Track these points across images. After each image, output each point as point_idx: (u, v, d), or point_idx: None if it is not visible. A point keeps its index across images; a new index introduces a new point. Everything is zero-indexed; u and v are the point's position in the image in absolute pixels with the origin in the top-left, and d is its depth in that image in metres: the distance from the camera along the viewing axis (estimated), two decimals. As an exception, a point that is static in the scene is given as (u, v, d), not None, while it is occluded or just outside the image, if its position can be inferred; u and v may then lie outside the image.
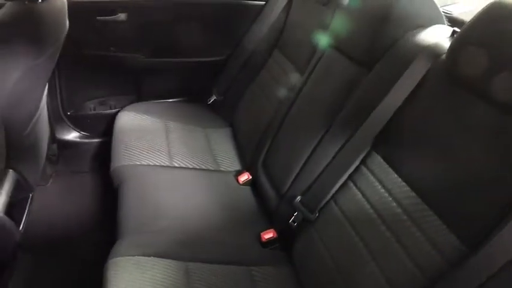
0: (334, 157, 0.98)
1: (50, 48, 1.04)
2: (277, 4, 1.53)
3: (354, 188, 0.91)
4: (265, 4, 1.58)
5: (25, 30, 0.94)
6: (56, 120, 1.60)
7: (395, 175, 0.83)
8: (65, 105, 1.63)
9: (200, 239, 1.07)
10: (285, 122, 1.25)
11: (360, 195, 0.89)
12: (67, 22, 1.18)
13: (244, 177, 1.32)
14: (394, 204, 0.80)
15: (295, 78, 1.32)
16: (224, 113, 1.67)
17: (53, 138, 1.61)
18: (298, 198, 1.03)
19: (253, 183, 1.31)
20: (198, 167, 1.35)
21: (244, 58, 1.62)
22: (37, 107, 1.18)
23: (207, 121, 1.62)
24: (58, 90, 1.57)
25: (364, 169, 0.90)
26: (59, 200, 1.52)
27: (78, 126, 1.69)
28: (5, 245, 0.94)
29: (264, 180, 1.25)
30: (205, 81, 1.71)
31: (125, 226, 1.06)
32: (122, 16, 1.48)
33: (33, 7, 0.98)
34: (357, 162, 0.91)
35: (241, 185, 1.32)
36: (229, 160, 1.43)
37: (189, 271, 0.94)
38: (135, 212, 1.11)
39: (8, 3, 0.98)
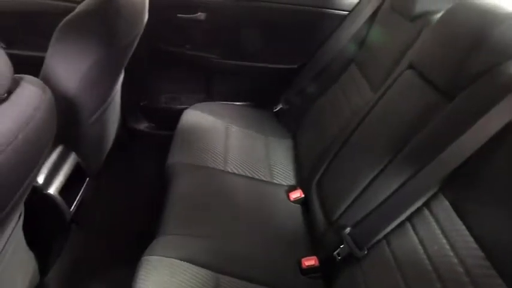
0: (394, 192, 0.87)
1: (124, 39, 1.07)
2: (360, 16, 1.43)
3: (412, 231, 0.80)
4: (348, 14, 1.50)
5: (103, 20, 0.98)
6: (128, 109, 1.68)
7: (463, 227, 0.70)
8: (139, 95, 1.70)
9: (239, 252, 1.03)
10: (348, 143, 1.15)
11: (416, 241, 0.77)
12: (146, 16, 1.21)
13: (296, 194, 1.25)
14: (456, 260, 0.68)
15: (367, 97, 1.22)
16: (289, 123, 1.61)
17: (124, 126, 1.70)
18: (348, 229, 0.94)
19: (304, 202, 1.24)
20: (251, 176, 1.31)
21: (318, 69, 1.55)
22: (107, 95, 1.23)
23: (269, 129, 1.57)
24: (134, 81, 1.65)
25: (426, 212, 0.78)
26: (117, 185, 1.59)
27: (148, 118, 1.76)
28: (55, 223, 0.99)
29: (315, 201, 1.17)
30: (274, 88, 1.67)
31: (167, 224, 1.05)
32: (201, 15, 1.50)
33: (113, 1, 1.02)
34: (419, 203, 0.79)
35: (291, 201, 1.25)
36: (284, 173, 1.37)
37: (220, 284, 0.91)
38: (179, 211, 1.10)
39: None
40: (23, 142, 0.54)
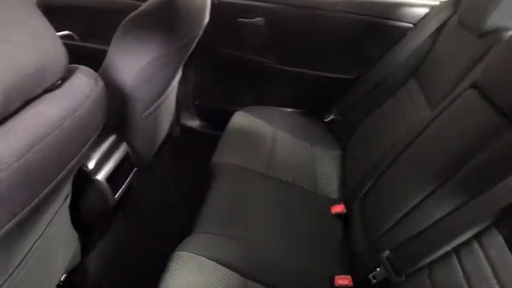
0: (442, 218, 0.80)
1: (182, 40, 1.11)
2: (425, 29, 1.35)
3: (457, 264, 0.73)
4: (412, 27, 1.43)
5: (164, 20, 1.02)
6: (183, 106, 1.74)
7: (518, 267, 0.62)
8: (194, 94, 1.75)
9: (270, 260, 1.01)
10: (398, 160, 1.09)
11: (461, 276, 0.70)
12: (206, 18, 1.25)
13: (339, 209, 1.21)
14: (504, 304, 0.61)
15: (423, 114, 1.14)
16: (339, 135, 1.57)
17: (177, 122, 1.76)
18: (387, 252, 0.88)
19: (345, 218, 1.19)
20: (293, 183, 1.28)
21: (376, 81, 1.49)
22: (162, 91, 1.28)
23: (318, 139, 1.54)
24: (191, 80, 1.70)
25: (476, 246, 0.71)
26: (164, 178, 1.64)
27: (201, 116, 1.81)
28: (100, 207, 1.04)
29: (357, 218, 1.12)
30: (328, 97, 1.63)
31: (203, 222, 1.07)
32: (260, 20, 1.51)
33: (174, 1, 1.06)
34: (468, 234, 0.72)
35: (332, 215, 1.21)
36: (328, 185, 1.33)
37: (247, 289, 0.90)
38: (216, 211, 1.11)
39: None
40: (69, 128, 0.57)
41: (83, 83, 0.62)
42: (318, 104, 1.67)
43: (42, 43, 0.51)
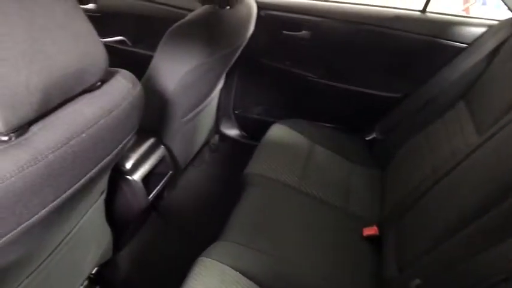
0: (477, 253, 0.74)
1: (224, 50, 1.14)
2: (480, 49, 1.28)
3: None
4: (466, 47, 1.36)
5: (207, 30, 1.05)
6: (224, 114, 1.77)
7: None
8: (235, 103, 1.78)
9: (295, 276, 0.99)
10: (438, 186, 1.03)
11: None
12: (250, 30, 1.27)
13: (371, 231, 1.16)
14: None
15: (471, 140, 1.07)
16: (380, 154, 1.51)
17: (217, 130, 1.79)
18: (417, 281, 0.83)
19: (377, 241, 1.14)
20: (325, 200, 1.25)
21: (423, 102, 1.43)
22: (203, 99, 1.31)
23: (357, 156, 1.49)
24: (233, 90, 1.73)
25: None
26: (199, 183, 1.67)
27: (240, 125, 1.83)
28: (132, 207, 1.08)
29: (390, 243, 1.06)
30: (371, 115, 1.59)
31: (230, 230, 1.07)
32: (306, 34, 1.51)
33: (219, 12, 1.09)
34: (504, 275, 0.66)
35: (363, 237, 1.16)
36: (363, 206, 1.28)
37: (267, 304, 0.88)
38: (244, 220, 1.11)
39: (205, 6, 1.12)
40: (104, 127, 0.60)
41: (121, 86, 0.65)
42: (360, 121, 1.62)
43: (83, 46, 0.54)
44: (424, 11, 1.45)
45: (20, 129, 0.48)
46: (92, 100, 0.59)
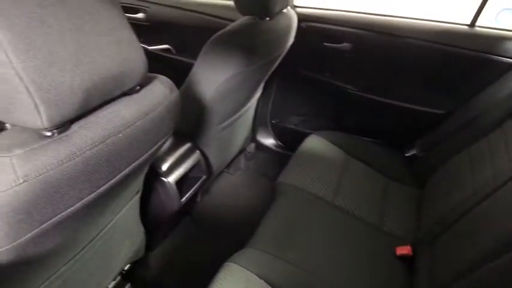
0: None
1: (262, 60, 1.16)
2: (532, 66, 1.21)
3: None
4: (517, 63, 1.29)
5: (245, 40, 1.08)
6: (260, 123, 1.79)
7: None
8: (272, 113, 1.79)
9: (321, 290, 0.98)
10: (477, 209, 0.97)
11: None
12: (289, 40, 1.28)
13: (404, 251, 1.12)
14: None
15: (516, 161, 1.01)
16: (419, 172, 1.46)
17: (253, 138, 1.81)
18: (449, 307, 0.79)
19: (409, 261, 1.09)
20: (358, 215, 1.23)
21: (467, 119, 1.36)
22: (240, 107, 1.34)
23: (395, 173, 1.45)
24: (271, 99, 1.75)
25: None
26: (233, 190, 1.70)
27: (277, 135, 1.84)
28: (166, 208, 1.12)
29: (423, 265, 1.02)
30: (411, 131, 1.54)
31: (258, 238, 1.07)
32: (346, 46, 1.50)
33: (259, 23, 1.12)
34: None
35: (396, 256, 1.12)
36: (397, 224, 1.24)
37: (291, 315, 0.88)
38: (273, 229, 1.11)
39: (245, 17, 1.15)
40: (140, 128, 0.63)
41: (159, 91, 0.68)
42: (400, 137, 1.58)
43: (125, 52, 0.58)
44: (472, 25, 1.39)
45: (63, 126, 0.52)
46: (130, 103, 0.62)
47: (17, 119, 0.48)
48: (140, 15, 1.82)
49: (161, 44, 1.82)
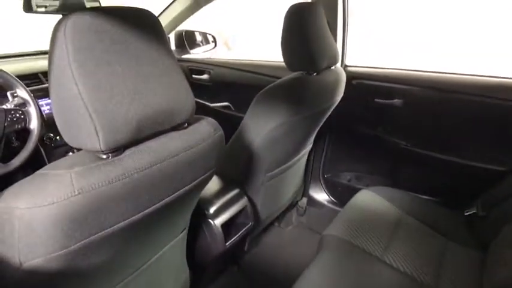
0: None
1: (308, 111, 1.22)
2: None
3: None
4: None
5: (291, 92, 1.16)
6: (313, 177, 1.80)
7: None
8: (325, 168, 1.80)
9: None
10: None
11: None
12: (336, 96, 1.34)
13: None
14: None
15: None
16: (481, 232, 1.34)
17: (304, 193, 1.82)
18: None
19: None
20: (410, 274, 1.15)
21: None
22: (287, 158, 1.38)
23: (453, 233, 1.35)
24: (324, 153, 1.77)
25: None
26: (283, 242, 1.68)
27: (329, 190, 1.83)
28: (210, 250, 1.15)
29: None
30: (470, 188, 1.45)
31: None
32: (398, 102, 1.52)
33: (306, 78, 1.20)
34: None
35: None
36: (455, 287, 1.13)
37: None
38: (314, 284, 1.08)
39: (294, 73, 1.25)
40: (182, 160, 0.70)
41: (204, 129, 0.77)
42: (458, 195, 1.48)
43: (174, 93, 0.68)
44: (533, 79, 1.35)
45: (117, 151, 0.61)
46: (177, 137, 0.71)
47: (81, 142, 0.58)
48: (205, 76, 2.02)
49: (222, 102, 1.98)
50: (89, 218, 0.57)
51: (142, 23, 0.64)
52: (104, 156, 0.60)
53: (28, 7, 1.13)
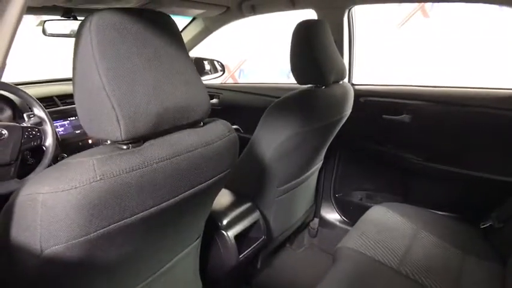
0: None
1: (316, 123, 1.24)
2: None
3: None
4: None
5: (299, 105, 1.19)
6: (324, 197, 1.79)
7: None
8: (336, 187, 1.80)
9: None
10: None
11: None
12: (344, 110, 1.36)
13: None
14: None
15: None
16: (499, 245, 1.31)
17: (316, 213, 1.80)
18: None
19: None
20: (428, 285, 1.11)
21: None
22: (298, 172, 1.39)
23: (470, 246, 1.32)
24: (334, 172, 1.77)
25: None
26: (295, 264, 1.65)
27: (341, 210, 1.81)
28: (224, 262, 1.13)
29: None
30: (486, 201, 1.43)
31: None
32: (406, 117, 1.54)
33: (315, 91, 1.23)
34: None
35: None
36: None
37: None
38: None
39: (303, 87, 1.28)
40: (198, 155, 0.72)
41: (218, 129, 0.79)
42: (473, 208, 1.46)
43: (191, 90, 0.71)
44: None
45: (137, 142, 0.63)
46: (194, 133, 0.73)
47: (102, 131, 0.61)
48: (214, 100, 2.07)
49: (231, 125, 2.01)
50: (110, 205, 0.58)
51: (161, 23, 0.69)
52: (125, 147, 0.62)
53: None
